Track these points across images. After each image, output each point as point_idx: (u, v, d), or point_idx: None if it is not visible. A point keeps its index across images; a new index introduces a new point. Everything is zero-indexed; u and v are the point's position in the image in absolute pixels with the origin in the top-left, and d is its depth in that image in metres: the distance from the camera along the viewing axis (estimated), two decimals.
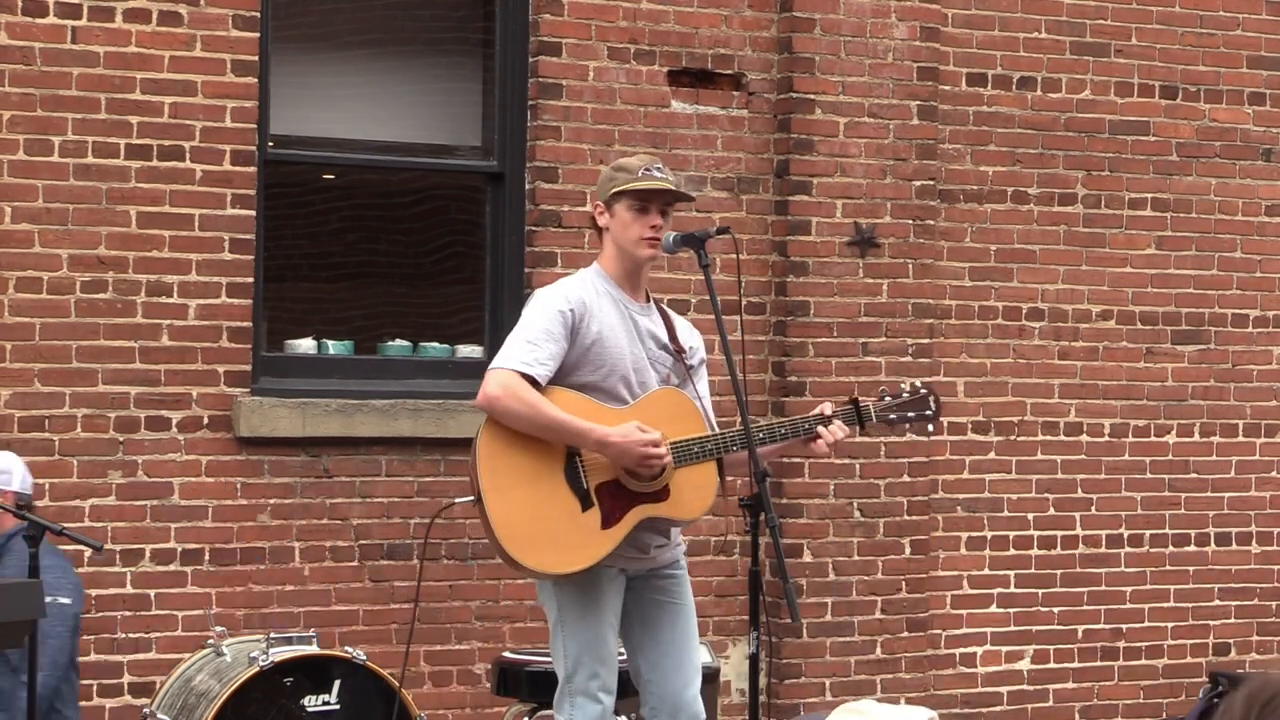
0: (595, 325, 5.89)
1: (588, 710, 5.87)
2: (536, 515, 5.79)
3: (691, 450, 5.87)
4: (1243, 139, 9.47)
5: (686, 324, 6.17)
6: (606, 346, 5.89)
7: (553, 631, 5.96)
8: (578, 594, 5.87)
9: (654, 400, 5.94)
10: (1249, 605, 9.48)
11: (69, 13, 7.53)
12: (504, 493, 5.78)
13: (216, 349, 7.74)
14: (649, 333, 6.01)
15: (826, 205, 8.62)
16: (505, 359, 5.81)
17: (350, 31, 8.45)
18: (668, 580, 6.05)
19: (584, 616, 5.87)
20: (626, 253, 5.97)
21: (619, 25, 8.36)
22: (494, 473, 5.78)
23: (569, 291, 5.93)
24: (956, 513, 8.92)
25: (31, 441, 7.47)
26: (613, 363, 5.90)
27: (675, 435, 5.87)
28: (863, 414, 6.12)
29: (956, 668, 8.94)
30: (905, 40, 8.74)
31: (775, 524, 5.63)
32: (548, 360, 5.79)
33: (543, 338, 5.81)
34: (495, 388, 5.76)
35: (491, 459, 5.79)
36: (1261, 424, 9.50)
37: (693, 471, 5.89)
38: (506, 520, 5.77)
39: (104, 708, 7.57)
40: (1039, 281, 9.09)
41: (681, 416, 5.93)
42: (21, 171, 7.48)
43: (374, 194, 8.53)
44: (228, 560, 7.75)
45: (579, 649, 5.87)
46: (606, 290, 5.97)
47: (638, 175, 5.96)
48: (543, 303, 5.90)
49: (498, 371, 5.79)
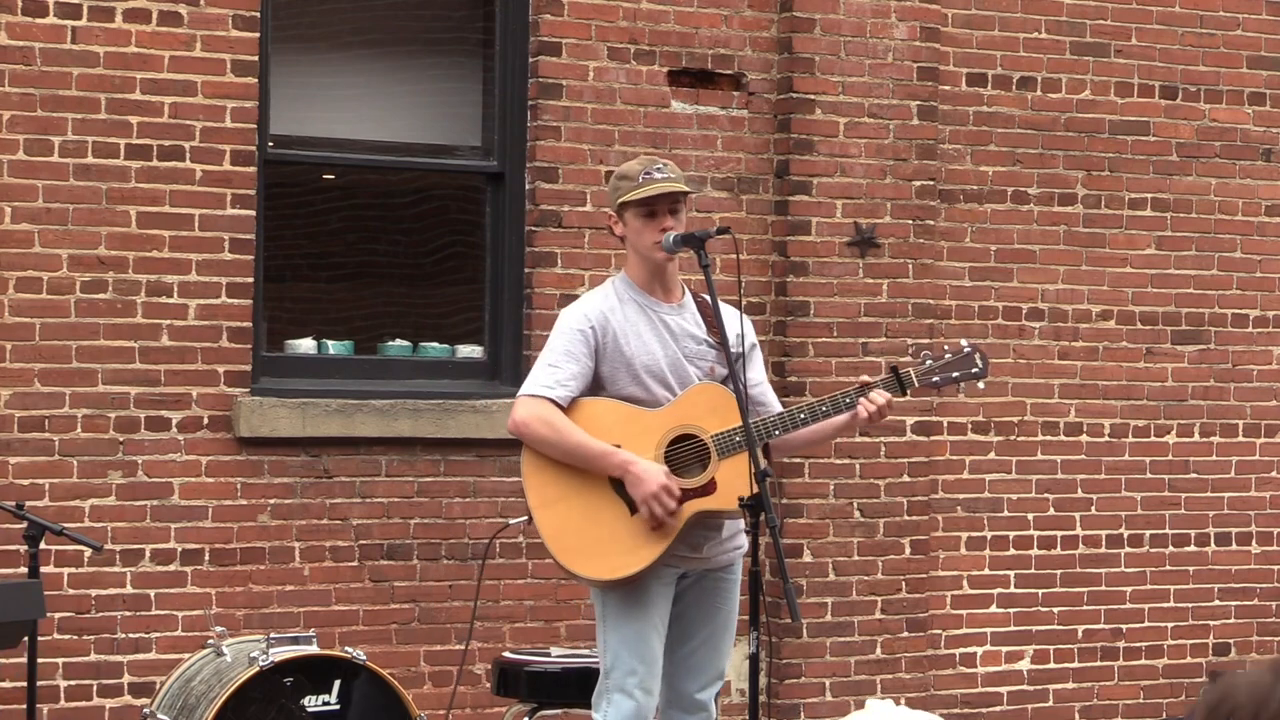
0: (620, 336, 5.97)
1: (622, 706, 5.91)
2: (585, 525, 5.91)
3: (734, 440, 5.90)
4: (1243, 139, 9.47)
5: (733, 311, 6.14)
6: (635, 354, 5.97)
7: (598, 630, 6.04)
8: (623, 592, 5.94)
9: (692, 396, 5.99)
10: (1249, 605, 9.48)
11: (69, 13, 7.53)
12: (551, 507, 5.93)
13: (216, 349, 7.74)
14: (684, 331, 6.05)
15: (826, 205, 8.62)
16: (529, 385, 5.96)
17: (350, 31, 8.45)
18: (719, 583, 6.11)
19: (627, 614, 5.93)
20: (644, 257, 6.04)
21: (619, 25, 8.36)
22: (541, 489, 5.94)
23: (588, 309, 6.02)
24: (956, 513, 8.92)
25: (31, 441, 7.47)
26: (645, 368, 5.97)
27: (716, 428, 5.92)
28: (903, 380, 6.13)
29: (956, 668, 8.94)
30: (905, 40, 8.74)
31: (775, 524, 5.64)
32: (569, 381, 5.91)
33: (563, 359, 5.94)
34: (523, 413, 5.92)
35: (538, 475, 5.95)
36: (1261, 424, 9.50)
37: (738, 462, 5.90)
38: (556, 533, 5.92)
39: (104, 708, 7.57)
40: (1039, 281, 9.09)
41: (721, 409, 5.96)
42: (21, 171, 7.48)
43: (374, 194, 8.53)
44: (228, 560, 7.75)
45: (619, 645, 5.93)
46: (632, 297, 6.03)
47: (638, 181, 6.00)
48: (563, 325, 6.03)
49: (523, 399, 5.94)
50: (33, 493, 7.38)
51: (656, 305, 6.04)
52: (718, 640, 6.10)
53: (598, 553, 5.90)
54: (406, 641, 8.00)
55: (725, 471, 5.93)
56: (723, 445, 5.92)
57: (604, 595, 5.98)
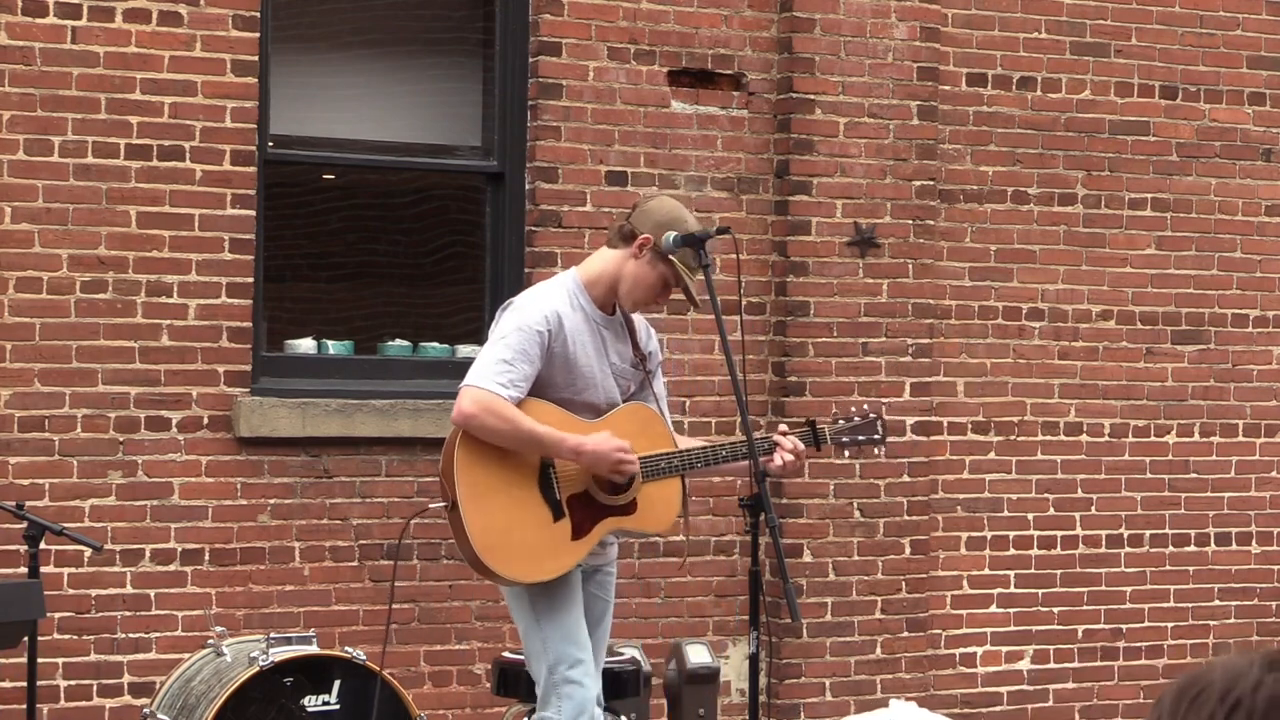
0: (569, 343, 5.95)
1: (575, 696, 5.93)
2: (510, 525, 5.90)
3: (659, 465, 6.00)
4: (1243, 139, 9.47)
5: (644, 324, 6.23)
6: (579, 364, 5.97)
7: (527, 634, 6.04)
8: (550, 589, 5.96)
9: (623, 415, 6.05)
10: (1249, 605, 9.47)
11: (69, 13, 7.53)
12: (480, 501, 5.87)
13: (216, 349, 7.74)
14: (615, 347, 6.08)
15: (826, 205, 8.62)
16: (480, 378, 5.85)
17: (350, 31, 8.45)
18: (606, 577, 6.22)
19: (560, 607, 5.96)
20: (626, 293, 6.02)
21: (619, 25, 8.36)
22: (471, 482, 5.87)
23: (545, 309, 5.94)
24: (956, 513, 8.92)
25: (31, 441, 7.47)
26: (584, 379, 5.99)
27: (643, 450, 5.98)
28: (818, 435, 6.25)
29: (956, 668, 8.94)
30: (905, 40, 8.74)
31: (775, 524, 5.65)
32: (521, 382, 5.85)
33: (519, 358, 5.86)
34: (471, 405, 5.83)
35: (469, 468, 5.87)
36: (1261, 424, 9.50)
37: (660, 486, 6.04)
38: (482, 529, 5.87)
39: (104, 708, 7.57)
40: (1039, 281, 9.09)
41: (649, 432, 6.06)
42: (21, 171, 7.48)
43: (374, 194, 8.53)
44: (228, 560, 7.75)
45: (560, 641, 5.95)
46: (581, 305, 6.02)
47: (700, 260, 5.92)
48: (521, 321, 5.90)
49: (473, 390, 5.84)
50: (33, 493, 7.38)
51: (599, 317, 6.06)
52: (607, 630, 6.24)
53: (524, 555, 5.91)
54: (406, 641, 8.00)
55: (648, 494, 6.02)
56: (649, 469, 5.98)
57: (530, 598, 5.98)
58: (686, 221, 6.00)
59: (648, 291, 6.00)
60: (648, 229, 5.97)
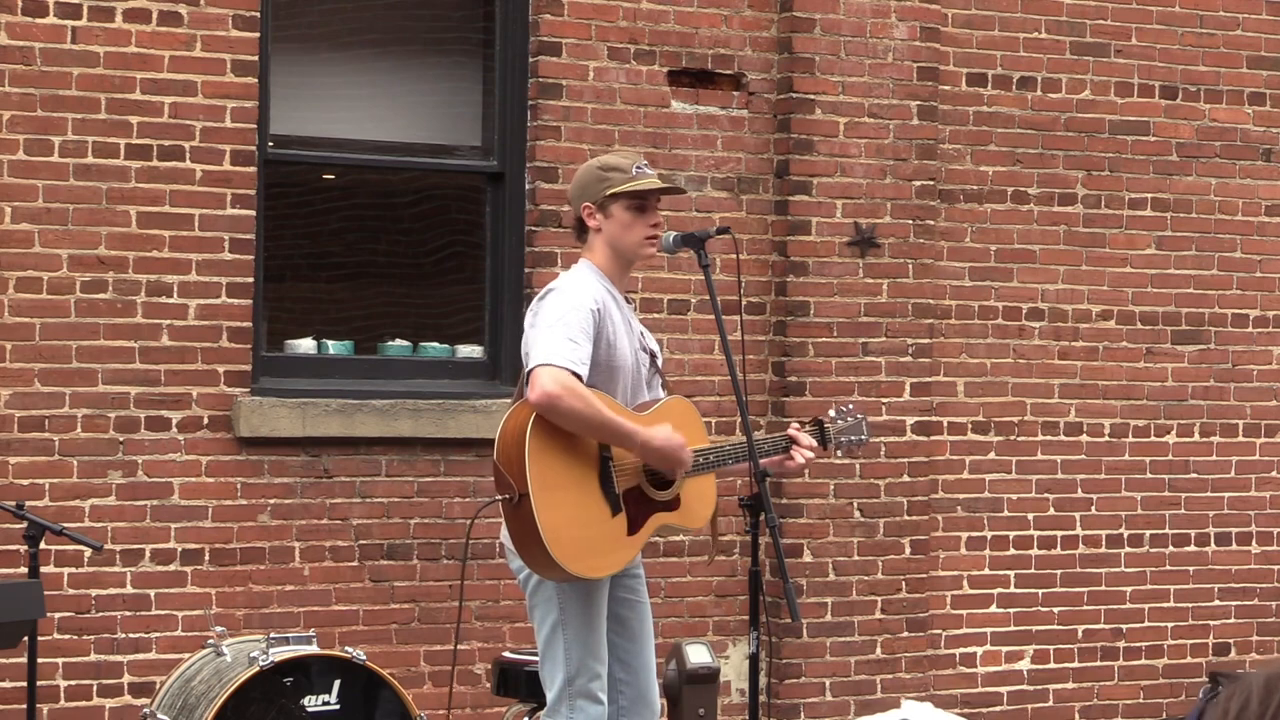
0: (610, 327, 5.83)
1: (589, 711, 5.83)
2: (578, 519, 5.69)
3: (706, 460, 5.92)
4: (1243, 139, 9.47)
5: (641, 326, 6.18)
6: (618, 349, 5.86)
7: (549, 635, 5.86)
8: (582, 596, 5.82)
9: (669, 408, 5.95)
10: (1249, 605, 9.48)
11: (69, 13, 7.53)
12: (550, 493, 5.62)
13: (216, 349, 7.74)
14: (635, 330, 6.01)
15: (826, 205, 8.62)
16: (554, 355, 5.60)
17: (350, 31, 8.45)
18: (635, 580, 6.05)
19: (587, 619, 5.83)
20: (624, 252, 5.93)
21: (619, 25, 8.36)
22: (542, 473, 5.61)
23: (593, 290, 5.81)
24: (956, 513, 8.93)
25: (31, 441, 7.47)
26: (621, 364, 5.88)
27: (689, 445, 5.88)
28: (825, 435, 6.24)
29: (956, 668, 8.94)
30: (905, 40, 8.74)
31: (775, 524, 5.64)
32: (587, 360, 5.67)
33: (582, 337, 5.67)
34: (554, 385, 5.55)
35: (541, 457, 5.61)
36: (1261, 424, 9.50)
37: (697, 482, 5.94)
38: (553, 523, 5.61)
39: (104, 708, 7.57)
40: (1039, 281, 9.09)
41: (690, 426, 5.95)
42: (21, 171, 7.48)
43: (374, 194, 8.53)
44: (228, 560, 7.75)
45: (582, 651, 5.82)
46: (608, 290, 5.91)
47: (632, 174, 5.90)
48: (575, 302, 5.74)
49: (552, 369, 5.58)
50: (33, 493, 7.38)
51: (623, 303, 5.97)
52: (651, 631, 6.08)
53: (589, 551, 5.72)
54: (406, 641, 8.00)
55: (689, 490, 5.94)
56: (695, 464, 5.89)
57: (560, 601, 5.80)
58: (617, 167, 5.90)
59: (634, 233, 5.88)
60: (582, 201, 5.92)
